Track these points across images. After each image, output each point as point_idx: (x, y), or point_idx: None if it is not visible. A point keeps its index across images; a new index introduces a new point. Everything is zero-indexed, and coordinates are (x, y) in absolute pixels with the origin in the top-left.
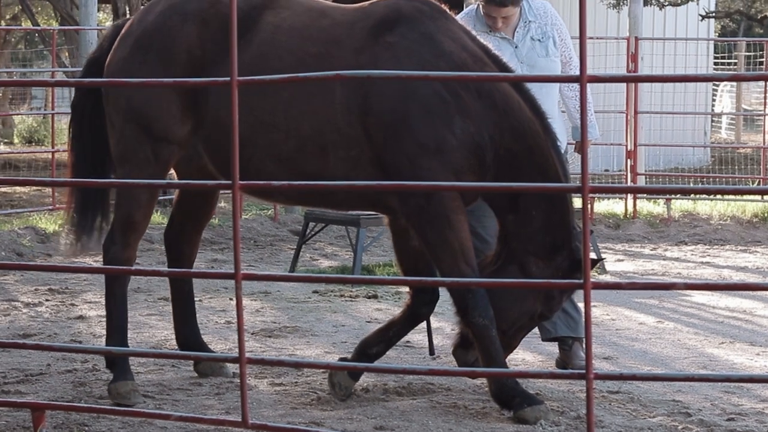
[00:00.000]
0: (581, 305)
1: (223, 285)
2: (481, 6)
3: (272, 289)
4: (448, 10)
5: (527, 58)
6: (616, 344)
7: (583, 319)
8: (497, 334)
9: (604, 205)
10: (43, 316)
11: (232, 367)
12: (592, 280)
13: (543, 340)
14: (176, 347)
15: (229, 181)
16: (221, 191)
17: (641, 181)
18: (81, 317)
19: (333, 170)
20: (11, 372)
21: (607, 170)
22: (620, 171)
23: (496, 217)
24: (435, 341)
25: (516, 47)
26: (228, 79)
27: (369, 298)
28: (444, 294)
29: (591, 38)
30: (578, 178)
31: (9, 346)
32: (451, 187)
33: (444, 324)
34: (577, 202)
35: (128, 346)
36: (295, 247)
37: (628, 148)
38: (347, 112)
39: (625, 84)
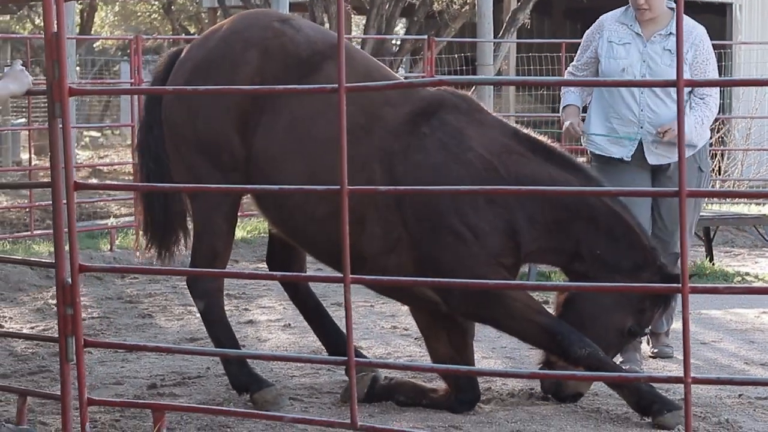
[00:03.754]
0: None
1: None
2: None
3: None
4: (482, 106)
5: (651, 60)
6: None
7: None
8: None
9: None
10: None
11: (383, 372)
12: (689, 284)
13: None
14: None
15: (338, 186)
16: None
17: None
18: (251, 322)
19: (368, 245)
20: (170, 375)
21: None
22: None
23: (564, 272)
24: None
25: (645, 46)
26: (336, 86)
27: None
28: None
29: None
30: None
31: (162, 350)
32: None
33: None
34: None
35: (247, 367)
36: None
37: None
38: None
39: None
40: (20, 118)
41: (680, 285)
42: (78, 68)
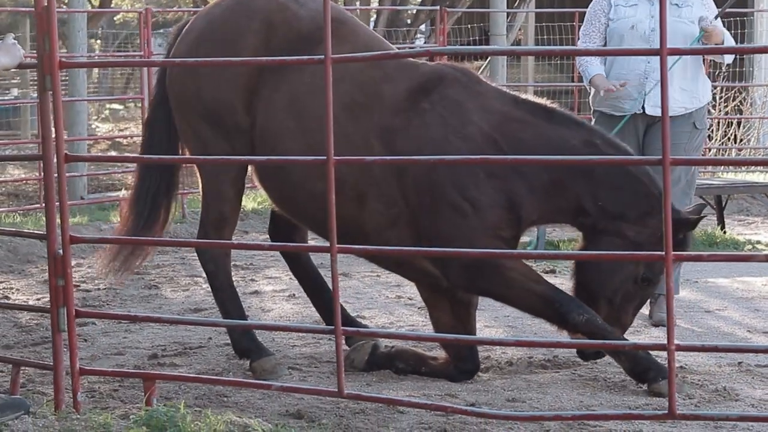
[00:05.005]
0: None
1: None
2: None
3: None
4: (482, 78)
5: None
6: None
7: (679, 276)
8: (605, 306)
9: None
10: None
11: (385, 341)
12: (673, 252)
13: None
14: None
15: (324, 157)
16: None
17: None
18: (256, 292)
19: (369, 221)
20: (171, 345)
21: None
22: None
23: (575, 226)
24: None
25: (653, 4)
26: (322, 57)
27: (547, 273)
28: None
29: None
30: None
31: (153, 320)
32: None
33: None
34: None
35: (250, 333)
36: None
37: None
38: (384, 168)
39: None
40: None
41: (663, 254)
42: (99, 41)
